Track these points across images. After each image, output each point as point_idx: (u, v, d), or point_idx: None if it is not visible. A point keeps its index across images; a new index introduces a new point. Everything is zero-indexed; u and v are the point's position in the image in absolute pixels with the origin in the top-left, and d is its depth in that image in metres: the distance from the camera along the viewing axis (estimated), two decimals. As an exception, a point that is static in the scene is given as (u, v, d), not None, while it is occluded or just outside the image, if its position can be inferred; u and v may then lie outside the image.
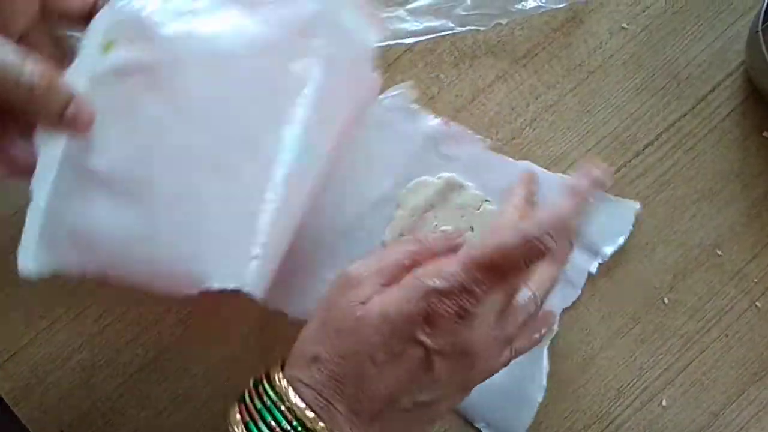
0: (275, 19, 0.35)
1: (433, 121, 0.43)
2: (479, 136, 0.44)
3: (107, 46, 0.34)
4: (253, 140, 0.34)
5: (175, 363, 0.43)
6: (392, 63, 0.45)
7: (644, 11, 0.46)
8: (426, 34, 0.45)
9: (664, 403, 0.43)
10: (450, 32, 0.45)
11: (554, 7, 0.45)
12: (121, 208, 0.34)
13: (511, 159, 0.44)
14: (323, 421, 0.30)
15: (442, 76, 0.45)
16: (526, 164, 0.44)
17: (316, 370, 0.31)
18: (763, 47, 0.41)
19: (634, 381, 0.43)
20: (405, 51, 0.45)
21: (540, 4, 0.45)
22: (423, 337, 0.30)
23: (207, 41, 0.34)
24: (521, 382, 0.42)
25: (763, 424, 0.43)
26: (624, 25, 0.46)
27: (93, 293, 0.43)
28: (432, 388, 0.31)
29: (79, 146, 0.34)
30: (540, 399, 0.42)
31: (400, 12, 0.44)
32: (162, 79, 0.34)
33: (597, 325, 0.43)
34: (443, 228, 0.42)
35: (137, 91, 0.34)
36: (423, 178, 0.43)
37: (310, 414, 0.30)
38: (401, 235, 0.42)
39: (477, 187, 0.43)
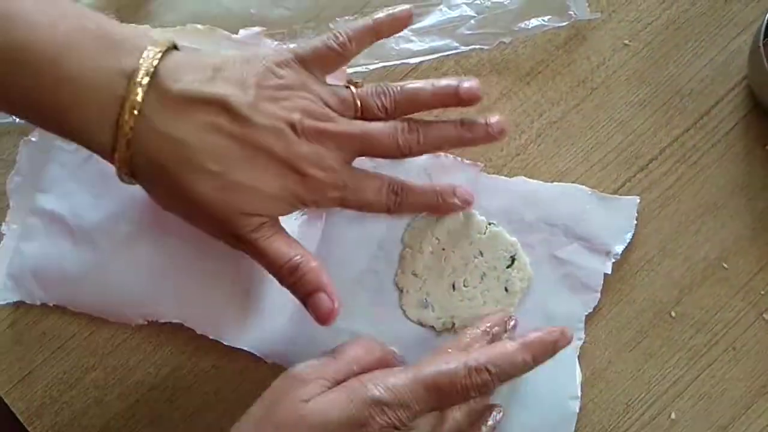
0: None
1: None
2: (469, 161, 0.44)
3: None
4: None
5: (186, 381, 0.43)
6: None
7: (646, 27, 0.47)
8: (431, 54, 0.45)
9: (672, 416, 0.43)
10: (454, 51, 0.45)
11: (557, 25, 0.45)
12: (78, 249, 0.42)
13: (504, 178, 0.44)
14: None
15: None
16: (521, 180, 0.44)
17: None
18: (765, 61, 0.41)
19: (643, 395, 0.43)
20: (410, 70, 0.46)
21: (543, 22, 0.45)
22: None
23: None
24: (555, 396, 0.42)
25: (773, 437, 0.43)
26: (626, 41, 0.46)
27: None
28: None
29: (47, 196, 0.43)
30: (576, 410, 0.42)
31: (405, 32, 0.45)
32: None
33: (604, 339, 0.43)
34: (453, 257, 0.42)
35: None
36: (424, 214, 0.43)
37: None
38: (414, 274, 0.42)
39: (478, 212, 0.43)
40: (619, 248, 0.43)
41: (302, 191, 0.35)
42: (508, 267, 0.42)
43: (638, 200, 0.44)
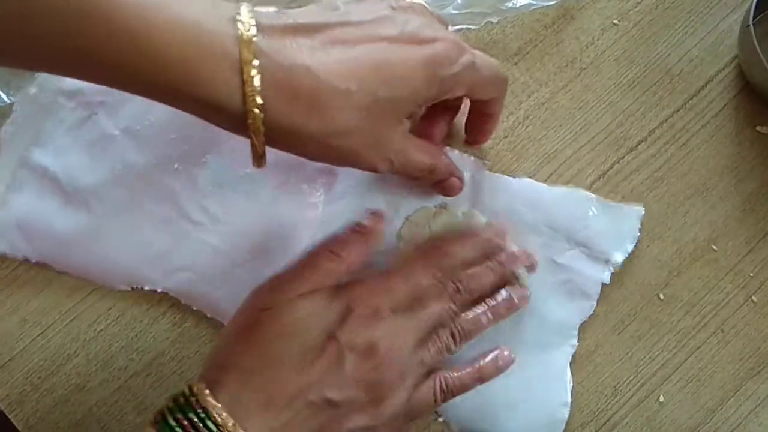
0: None
1: None
2: (474, 158, 0.43)
3: None
4: (192, 167, 0.41)
5: (169, 367, 0.42)
6: (383, 63, 0.45)
7: (636, 7, 0.46)
8: (417, 34, 0.44)
9: (661, 399, 0.43)
10: (441, 31, 0.44)
11: (545, 4, 0.45)
12: (69, 209, 0.41)
13: (509, 177, 0.43)
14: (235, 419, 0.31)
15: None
16: (526, 181, 0.43)
17: (231, 375, 0.32)
18: (755, 41, 0.41)
19: (631, 378, 0.43)
20: (396, 50, 0.45)
21: (531, 1, 0.44)
22: (338, 333, 0.33)
23: None
24: (545, 401, 0.41)
25: (761, 419, 0.43)
26: (615, 21, 0.46)
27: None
28: (340, 386, 0.33)
29: (41, 150, 0.41)
30: (566, 416, 0.41)
31: (391, 11, 0.44)
32: (119, 103, 0.41)
33: (592, 322, 0.43)
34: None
35: (98, 111, 0.41)
36: (422, 207, 0.42)
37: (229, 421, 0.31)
38: None
39: (478, 210, 0.42)
40: (619, 257, 0.42)
41: None
42: None
43: (643, 211, 0.43)
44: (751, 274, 0.44)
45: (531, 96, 0.45)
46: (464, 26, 0.45)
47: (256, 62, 0.28)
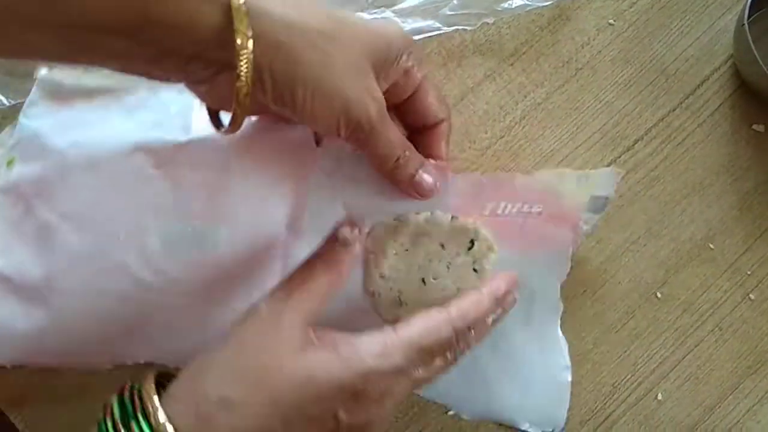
0: (149, 120, 0.40)
1: None
2: (434, 162, 0.39)
3: (9, 162, 0.40)
4: (137, 234, 0.39)
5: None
6: (380, 64, 0.45)
7: (631, 7, 0.46)
8: (413, 35, 0.45)
9: (659, 397, 0.43)
10: (437, 32, 0.45)
11: (540, 5, 0.45)
12: (27, 306, 0.39)
13: (476, 174, 0.41)
14: None
15: (430, 76, 0.45)
16: (494, 175, 0.41)
17: (222, 418, 0.28)
18: (750, 40, 0.41)
19: (629, 376, 0.43)
20: (393, 52, 0.45)
21: (526, 2, 0.45)
22: (342, 414, 0.29)
23: (91, 148, 0.39)
24: (546, 369, 0.41)
25: (759, 417, 0.43)
26: (611, 21, 0.46)
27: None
28: None
29: None
30: (569, 378, 0.41)
31: (387, 13, 0.45)
32: (54, 188, 0.39)
33: (590, 320, 0.43)
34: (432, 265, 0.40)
35: (35, 202, 0.39)
36: (379, 221, 0.39)
37: None
38: (381, 277, 0.39)
39: (441, 209, 0.39)
40: (590, 217, 0.40)
41: None
42: (469, 249, 0.40)
43: (617, 172, 0.39)
44: (749, 272, 0.44)
45: (527, 96, 0.45)
46: (460, 27, 0.45)
47: None
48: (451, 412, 0.42)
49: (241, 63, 0.28)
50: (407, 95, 0.36)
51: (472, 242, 0.39)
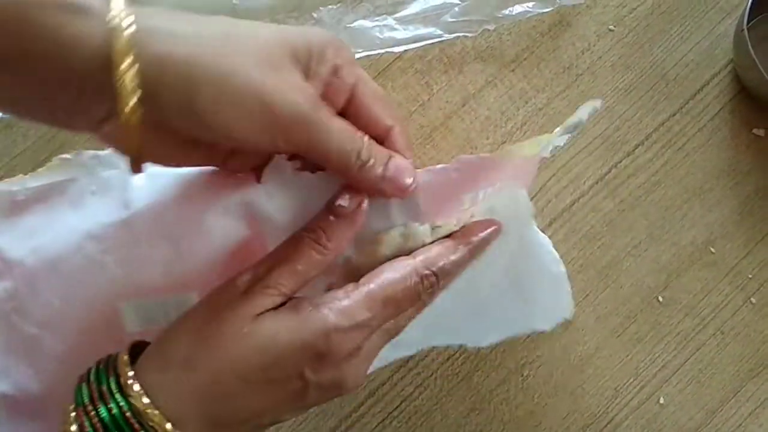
0: (92, 205, 0.38)
1: None
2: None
3: None
4: (116, 320, 0.37)
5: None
6: (382, 71, 0.45)
7: (631, 13, 0.47)
8: (415, 42, 0.45)
9: (661, 401, 0.43)
10: (439, 39, 0.45)
11: (541, 11, 0.45)
12: (32, 425, 0.37)
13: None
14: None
15: (432, 83, 0.46)
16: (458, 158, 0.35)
17: (184, 378, 0.28)
18: (750, 45, 0.41)
19: (631, 380, 0.43)
20: (395, 59, 0.46)
21: (527, 8, 0.45)
22: (308, 374, 0.29)
23: (47, 252, 0.37)
24: (540, 270, 0.39)
25: (761, 421, 0.43)
26: (611, 27, 0.46)
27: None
28: (296, 411, 0.31)
29: None
30: (563, 269, 0.39)
31: (389, 21, 0.45)
32: (26, 300, 0.37)
33: (593, 325, 0.43)
34: None
35: (15, 319, 0.37)
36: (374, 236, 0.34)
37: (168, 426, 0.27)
38: None
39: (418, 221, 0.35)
40: (562, 138, 0.35)
41: None
42: None
43: (594, 107, 0.34)
44: (750, 276, 0.44)
45: (528, 102, 0.45)
46: (461, 34, 0.45)
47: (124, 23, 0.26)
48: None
49: (123, 84, 0.25)
50: (343, 98, 0.31)
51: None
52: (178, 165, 0.31)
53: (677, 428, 0.43)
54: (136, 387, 0.27)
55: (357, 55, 0.45)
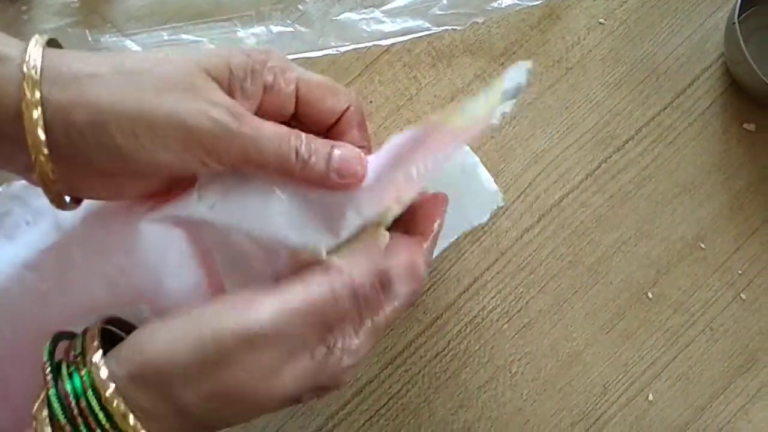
0: (25, 235, 0.37)
1: None
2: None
3: None
4: None
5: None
6: (369, 65, 0.45)
7: (621, 6, 0.46)
8: (403, 35, 0.44)
9: (650, 398, 0.43)
10: (427, 32, 0.44)
11: (530, 4, 0.45)
12: None
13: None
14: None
15: (420, 76, 0.45)
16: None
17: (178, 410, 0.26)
18: (741, 39, 0.41)
19: (620, 376, 0.43)
20: (382, 52, 0.45)
21: (516, 1, 0.45)
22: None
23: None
24: (459, 170, 0.38)
25: (750, 417, 0.43)
26: (601, 20, 0.46)
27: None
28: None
29: None
30: (475, 158, 0.38)
31: (377, 13, 0.44)
32: None
33: (581, 321, 0.43)
34: None
35: None
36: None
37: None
38: None
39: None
40: (504, 106, 0.33)
41: None
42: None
43: (528, 66, 0.33)
44: (740, 272, 0.44)
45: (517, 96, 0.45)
46: (450, 27, 0.45)
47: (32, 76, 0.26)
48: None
49: (33, 134, 0.26)
50: (290, 104, 0.30)
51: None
52: (111, 198, 0.31)
53: (666, 425, 0.43)
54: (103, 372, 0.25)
55: (343, 49, 0.44)
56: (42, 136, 0.26)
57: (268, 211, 0.30)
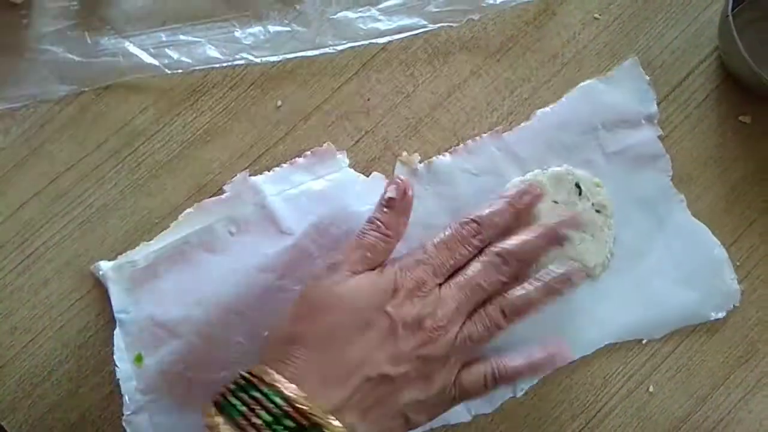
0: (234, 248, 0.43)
1: None
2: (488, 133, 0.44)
3: (137, 359, 0.41)
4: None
5: (161, 370, 0.43)
6: (367, 63, 0.45)
7: (616, 0, 0.46)
8: (399, 33, 0.45)
9: (651, 389, 0.43)
10: (423, 30, 0.45)
11: (526, 0, 0.45)
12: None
13: (522, 125, 0.44)
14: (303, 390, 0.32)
15: (416, 74, 0.45)
16: (537, 115, 0.44)
17: (294, 350, 0.34)
18: (734, 32, 0.41)
19: (620, 368, 0.43)
20: (379, 50, 0.45)
21: (511, -3, 0.45)
22: (389, 308, 0.35)
23: (218, 298, 0.41)
24: (700, 256, 0.44)
25: (751, 407, 0.43)
26: (596, 15, 0.46)
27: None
28: (394, 361, 0.34)
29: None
30: (725, 254, 0.44)
31: (373, 11, 0.45)
32: (199, 353, 0.41)
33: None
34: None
35: (189, 375, 0.41)
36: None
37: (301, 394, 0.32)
38: None
39: (525, 171, 0.43)
40: (652, 107, 0.44)
41: None
42: (579, 195, 0.42)
43: (637, 58, 0.45)
44: (738, 263, 0.44)
45: (514, 92, 0.45)
46: (445, 24, 0.45)
47: None
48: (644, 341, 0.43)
49: None
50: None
51: (578, 186, 0.42)
52: None
53: (667, 416, 0.43)
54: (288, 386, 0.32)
55: (340, 47, 0.44)
56: None
57: None
